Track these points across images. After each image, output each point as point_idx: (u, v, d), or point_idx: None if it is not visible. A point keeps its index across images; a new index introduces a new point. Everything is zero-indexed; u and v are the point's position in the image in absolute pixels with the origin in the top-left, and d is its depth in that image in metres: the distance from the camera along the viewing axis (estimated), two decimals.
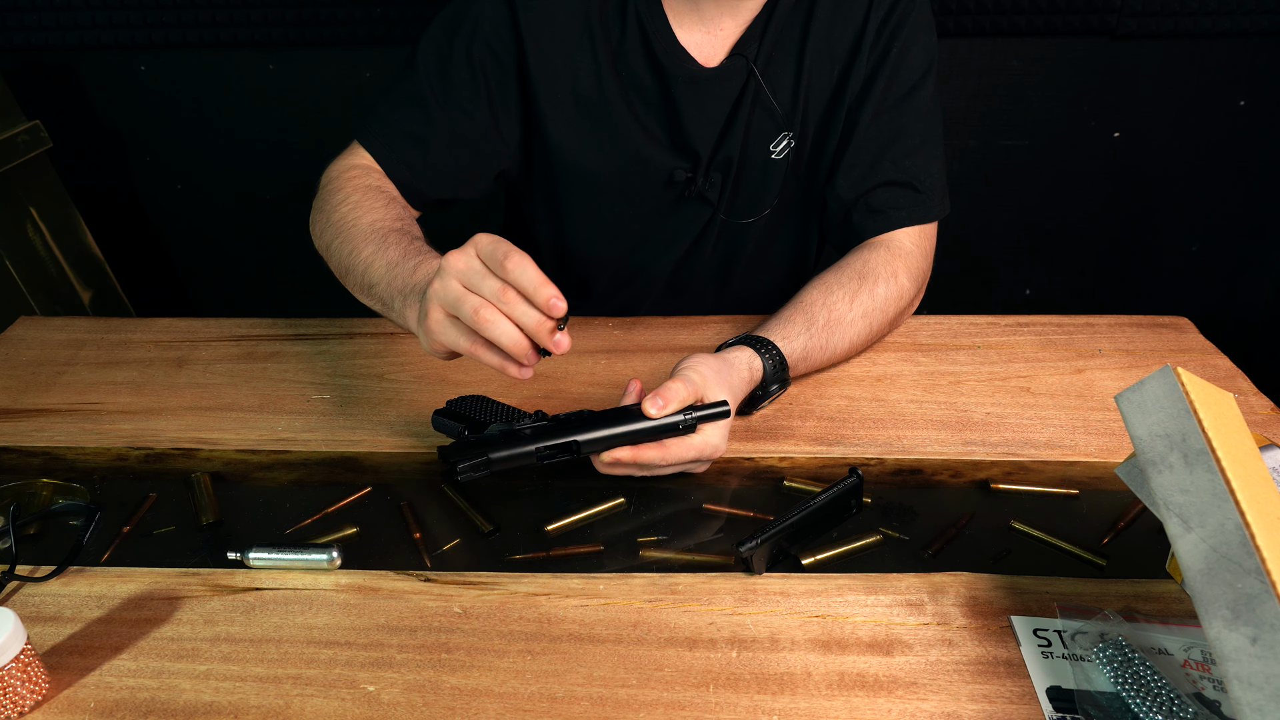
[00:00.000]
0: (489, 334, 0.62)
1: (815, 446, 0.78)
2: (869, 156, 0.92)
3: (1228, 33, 1.52)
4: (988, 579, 0.64)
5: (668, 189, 0.96)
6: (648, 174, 0.95)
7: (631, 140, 0.93)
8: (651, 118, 0.93)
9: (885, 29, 0.89)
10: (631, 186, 0.96)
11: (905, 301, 0.90)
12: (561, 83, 0.90)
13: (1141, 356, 0.90)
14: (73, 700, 0.56)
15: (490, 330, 0.62)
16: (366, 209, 0.83)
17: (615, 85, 0.91)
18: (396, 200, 0.88)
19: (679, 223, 0.99)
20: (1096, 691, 0.54)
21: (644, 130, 0.93)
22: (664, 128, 0.93)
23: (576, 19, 0.89)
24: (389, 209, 0.84)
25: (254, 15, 1.58)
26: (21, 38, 1.62)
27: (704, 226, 0.99)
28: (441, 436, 0.76)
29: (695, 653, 0.59)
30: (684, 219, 0.99)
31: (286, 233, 1.83)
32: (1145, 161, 1.67)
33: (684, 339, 0.95)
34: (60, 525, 0.72)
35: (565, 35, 0.89)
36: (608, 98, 0.91)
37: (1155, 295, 1.83)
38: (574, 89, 0.91)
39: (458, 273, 0.62)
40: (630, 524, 0.70)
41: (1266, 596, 0.44)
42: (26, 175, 1.53)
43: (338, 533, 0.70)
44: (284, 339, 0.97)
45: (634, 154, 0.94)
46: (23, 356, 0.96)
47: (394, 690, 0.56)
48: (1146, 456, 0.53)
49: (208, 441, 0.81)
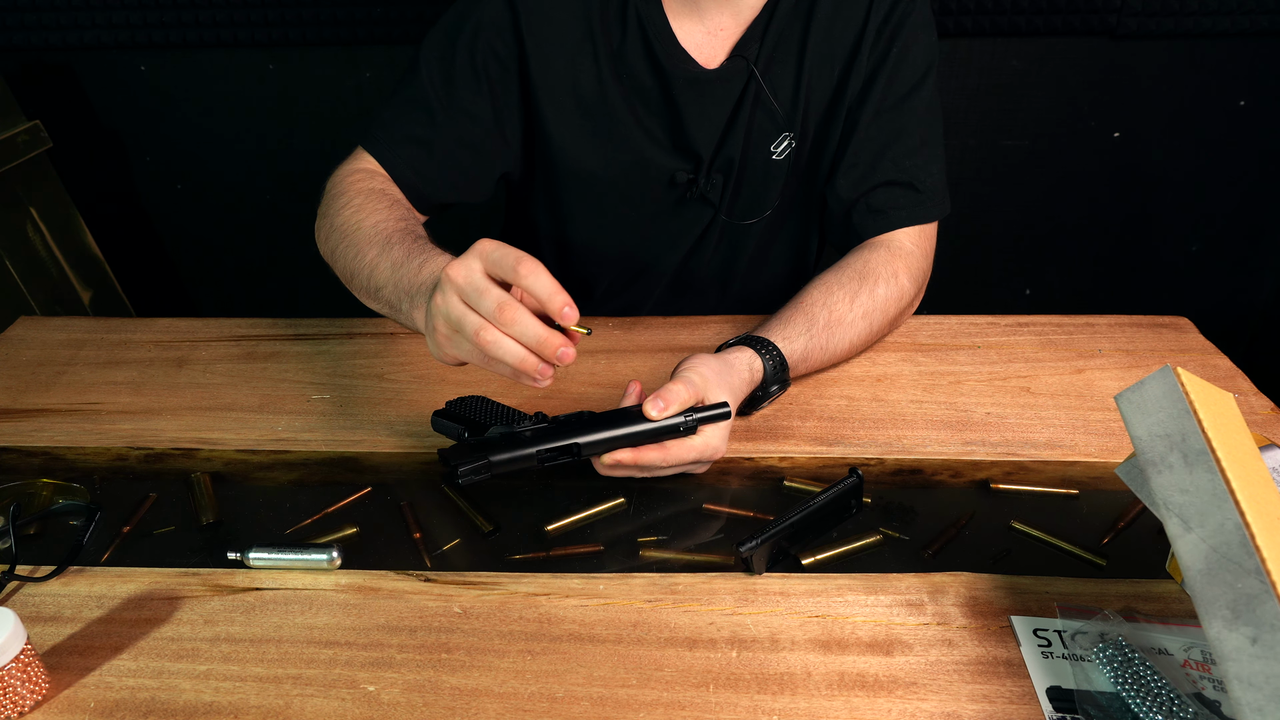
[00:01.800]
0: (494, 355, 0.61)
1: (815, 446, 0.78)
2: (869, 156, 0.92)
3: (1228, 33, 1.52)
4: (988, 579, 0.64)
5: (669, 190, 0.96)
6: (649, 176, 0.95)
7: (633, 142, 0.93)
8: (653, 119, 0.93)
9: (886, 29, 0.89)
10: (633, 188, 0.96)
11: (905, 302, 0.90)
12: (563, 85, 0.90)
13: (1141, 356, 0.90)
14: (73, 700, 0.56)
15: (495, 351, 0.61)
16: (370, 212, 0.81)
17: (616, 87, 0.91)
18: (400, 203, 0.86)
19: (681, 224, 0.99)
20: (1096, 691, 0.54)
21: (646, 132, 0.93)
22: (665, 129, 0.93)
23: (578, 21, 0.88)
24: (392, 211, 0.82)
25: (254, 15, 1.58)
26: (21, 38, 1.62)
27: (706, 227, 0.99)
28: (441, 437, 0.76)
29: (695, 653, 0.59)
30: (686, 220, 0.99)
31: (286, 232, 1.84)
32: (1145, 161, 1.67)
33: (684, 339, 0.95)
34: (60, 525, 0.72)
35: (567, 38, 0.89)
36: (609, 100, 0.91)
37: (1155, 295, 1.83)
38: (576, 91, 0.91)
39: (458, 288, 0.61)
40: (630, 524, 0.70)
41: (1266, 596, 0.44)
42: (26, 175, 1.53)
43: (338, 533, 0.70)
44: (284, 339, 0.97)
45: (636, 156, 0.94)
46: (23, 356, 0.96)
47: (394, 690, 0.56)
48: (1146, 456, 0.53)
49: (208, 441, 0.81)
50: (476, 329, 0.60)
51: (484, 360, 0.63)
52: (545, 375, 0.62)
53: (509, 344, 0.60)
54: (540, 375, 0.62)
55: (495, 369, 0.63)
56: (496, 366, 0.63)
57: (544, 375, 0.62)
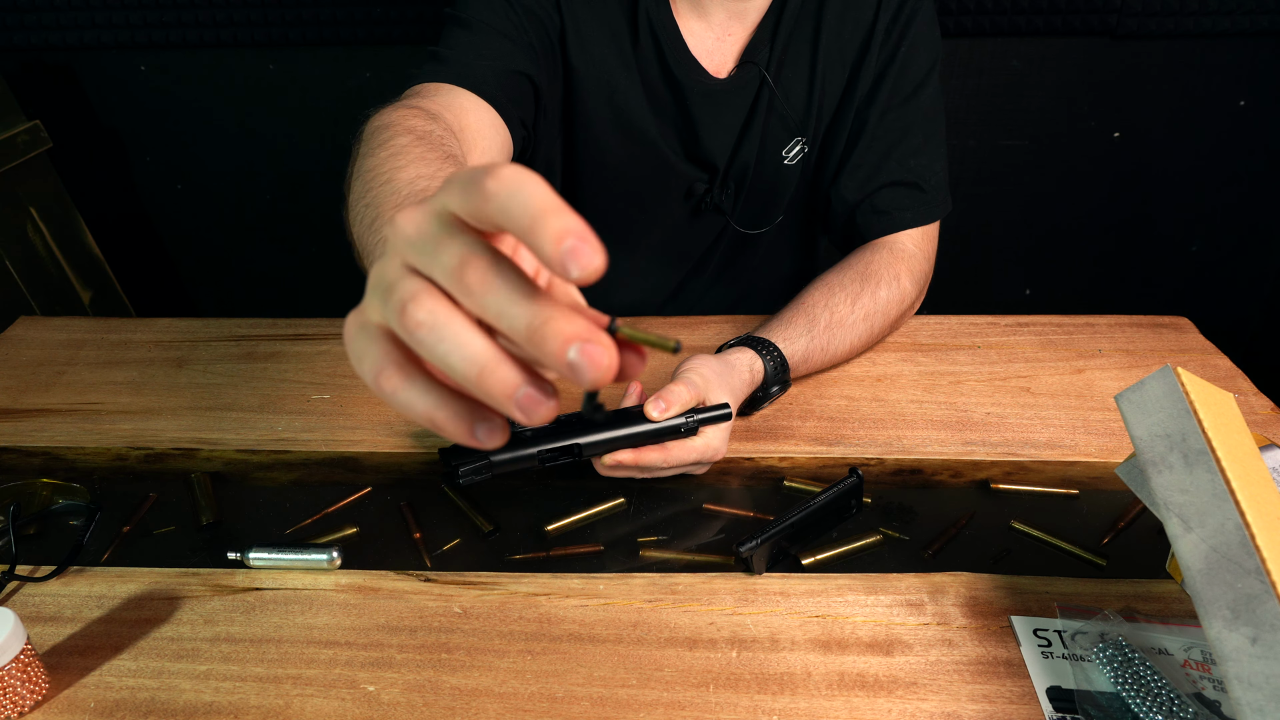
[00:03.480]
0: (427, 353, 0.28)
1: (815, 446, 0.78)
2: (875, 157, 0.92)
3: (1228, 33, 1.52)
4: (988, 579, 0.64)
5: (685, 202, 0.96)
6: (670, 185, 0.94)
7: (659, 151, 0.92)
8: (669, 129, 0.92)
9: (895, 28, 0.89)
10: (654, 196, 0.95)
11: (907, 304, 0.90)
12: (599, 80, 0.88)
13: (1141, 356, 0.90)
14: (73, 700, 0.56)
15: (428, 346, 0.28)
16: (412, 160, 0.55)
17: (642, 94, 0.90)
18: (458, 159, 0.59)
19: (694, 233, 0.99)
20: (1096, 691, 0.54)
21: (666, 142, 0.92)
22: (680, 140, 0.93)
23: (605, 25, 0.87)
24: (444, 166, 0.55)
25: (254, 15, 1.58)
26: (21, 38, 1.62)
27: (717, 236, 0.99)
28: (441, 438, 0.76)
29: (695, 653, 0.59)
30: (699, 229, 0.99)
31: (287, 233, 1.84)
32: (1145, 161, 1.67)
33: (684, 339, 0.95)
34: (60, 525, 0.72)
35: (600, 37, 0.87)
36: (634, 106, 0.90)
37: (1155, 295, 1.83)
38: (610, 91, 0.89)
39: (406, 240, 0.29)
40: (630, 524, 0.70)
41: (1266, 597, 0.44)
42: (26, 175, 1.53)
43: (338, 533, 0.70)
44: (284, 339, 0.97)
45: (660, 164, 0.93)
46: (23, 356, 0.96)
47: (394, 690, 0.56)
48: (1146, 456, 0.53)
49: (208, 441, 0.81)
50: (404, 301, 0.28)
51: (396, 386, 0.30)
52: (528, 406, 0.27)
53: (455, 330, 0.27)
54: (518, 405, 0.27)
55: (413, 414, 0.30)
56: (417, 407, 0.30)
57: (526, 406, 0.27)
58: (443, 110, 0.70)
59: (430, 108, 0.68)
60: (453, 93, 0.74)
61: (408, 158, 0.55)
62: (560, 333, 0.25)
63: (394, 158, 0.55)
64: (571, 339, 0.25)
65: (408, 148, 0.57)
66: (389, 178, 0.53)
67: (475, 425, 0.29)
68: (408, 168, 0.53)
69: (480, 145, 0.72)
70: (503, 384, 0.27)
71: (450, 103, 0.73)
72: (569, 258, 0.25)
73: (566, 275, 0.25)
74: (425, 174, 0.52)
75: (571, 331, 0.25)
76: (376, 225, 0.49)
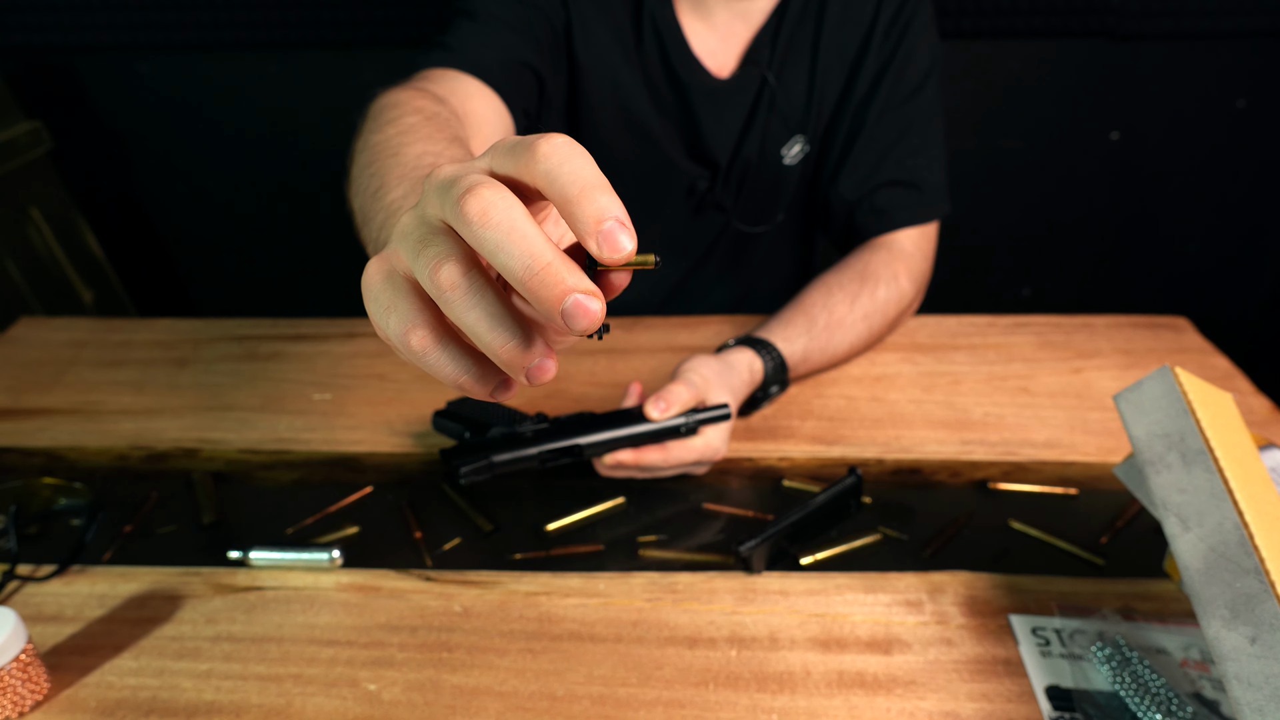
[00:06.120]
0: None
1: (815, 446, 0.78)
2: (874, 156, 0.92)
3: (1228, 33, 1.52)
4: (986, 578, 0.64)
5: (687, 199, 0.96)
6: (672, 183, 0.95)
7: (662, 149, 0.92)
8: (672, 127, 0.93)
9: (894, 28, 0.89)
10: (656, 194, 0.96)
11: (905, 304, 0.90)
12: (603, 76, 0.89)
13: (1140, 356, 0.90)
14: (74, 700, 0.57)
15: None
16: (420, 138, 0.56)
17: (645, 92, 0.90)
18: (462, 141, 0.59)
19: (695, 230, 0.99)
20: (1095, 690, 0.55)
21: (669, 140, 0.93)
22: (683, 138, 0.93)
23: (610, 24, 0.88)
24: (450, 148, 0.56)
25: (255, 17, 1.59)
26: (22, 38, 1.62)
27: (718, 234, 1.00)
28: (442, 437, 0.76)
29: (695, 652, 0.59)
30: (700, 227, 0.99)
31: (288, 233, 1.84)
32: (1145, 161, 1.67)
33: (684, 339, 0.95)
34: (62, 525, 0.72)
35: (605, 35, 0.88)
36: (637, 103, 0.90)
37: (1155, 295, 1.83)
38: (613, 88, 0.89)
39: (441, 183, 0.31)
40: (630, 524, 0.70)
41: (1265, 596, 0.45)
42: (28, 176, 1.53)
43: (339, 532, 0.70)
44: (285, 339, 0.97)
45: (663, 162, 0.93)
46: (24, 357, 0.96)
47: (395, 689, 0.57)
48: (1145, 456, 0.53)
49: (209, 441, 0.81)
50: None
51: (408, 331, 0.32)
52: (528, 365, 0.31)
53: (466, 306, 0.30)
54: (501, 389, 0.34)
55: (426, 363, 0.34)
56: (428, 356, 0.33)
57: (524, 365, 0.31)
58: (449, 95, 0.70)
59: (437, 91, 0.69)
60: (459, 79, 0.76)
61: (416, 135, 0.57)
62: (562, 281, 0.28)
63: (402, 134, 0.57)
64: (573, 289, 0.27)
65: (416, 126, 0.58)
66: (395, 151, 0.54)
67: (495, 386, 0.33)
68: (415, 144, 0.55)
69: (484, 131, 0.73)
70: (559, 283, 0.28)
71: (456, 88, 0.74)
72: (604, 239, 0.27)
73: (597, 254, 0.27)
74: (432, 151, 0.54)
75: (574, 283, 0.28)
76: (380, 194, 0.50)
